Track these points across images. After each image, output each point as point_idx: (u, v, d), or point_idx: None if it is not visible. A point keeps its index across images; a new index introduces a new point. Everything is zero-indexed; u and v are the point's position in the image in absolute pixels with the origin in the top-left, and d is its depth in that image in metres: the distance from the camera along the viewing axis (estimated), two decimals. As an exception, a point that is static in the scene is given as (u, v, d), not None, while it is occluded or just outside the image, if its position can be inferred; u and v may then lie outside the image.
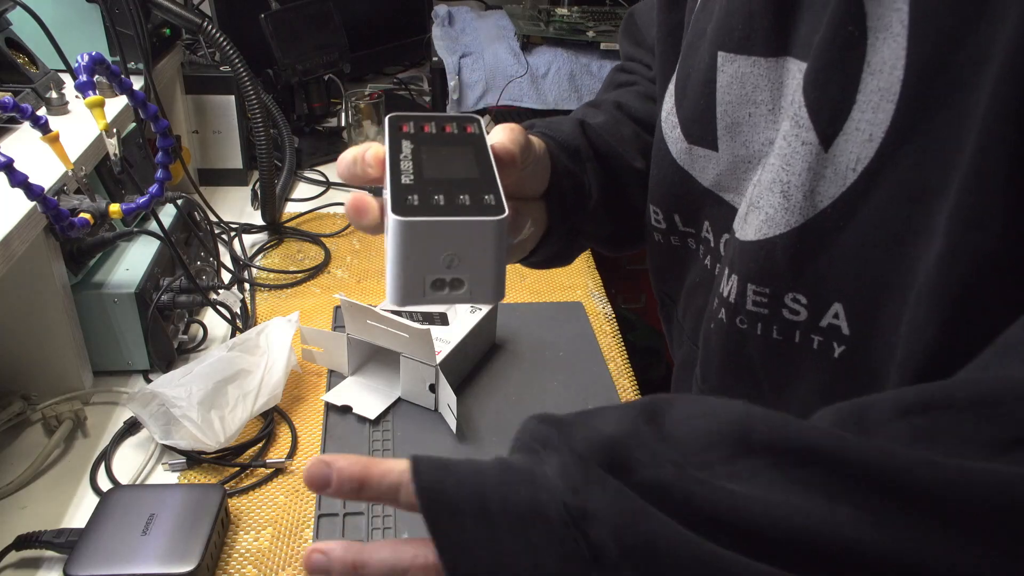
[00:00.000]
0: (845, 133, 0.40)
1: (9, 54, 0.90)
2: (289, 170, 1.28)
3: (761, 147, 0.47)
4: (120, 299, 0.84)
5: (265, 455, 0.80)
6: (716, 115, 0.48)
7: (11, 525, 0.69)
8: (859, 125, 0.39)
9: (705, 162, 0.51)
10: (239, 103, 1.24)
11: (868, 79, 0.38)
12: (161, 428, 0.75)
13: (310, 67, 1.33)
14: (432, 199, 0.36)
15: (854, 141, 0.39)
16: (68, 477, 0.76)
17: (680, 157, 0.52)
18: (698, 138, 0.50)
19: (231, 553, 0.69)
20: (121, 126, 0.96)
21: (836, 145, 0.40)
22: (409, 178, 0.38)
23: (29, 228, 0.71)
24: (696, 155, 0.51)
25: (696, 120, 0.50)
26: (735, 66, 0.46)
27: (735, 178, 0.49)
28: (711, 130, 0.49)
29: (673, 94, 0.53)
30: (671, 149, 0.53)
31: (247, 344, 0.83)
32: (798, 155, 0.42)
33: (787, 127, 0.42)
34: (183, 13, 1.02)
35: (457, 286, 0.37)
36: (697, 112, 0.50)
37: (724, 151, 0.49)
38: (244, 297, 1.01)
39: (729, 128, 0.48)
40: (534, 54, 1.49)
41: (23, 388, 0.81)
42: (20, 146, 0.82)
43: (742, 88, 0.46)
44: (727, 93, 0.47)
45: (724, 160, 0.49)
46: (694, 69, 0.50)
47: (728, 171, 0.50)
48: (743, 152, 0.48)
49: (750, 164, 0.48)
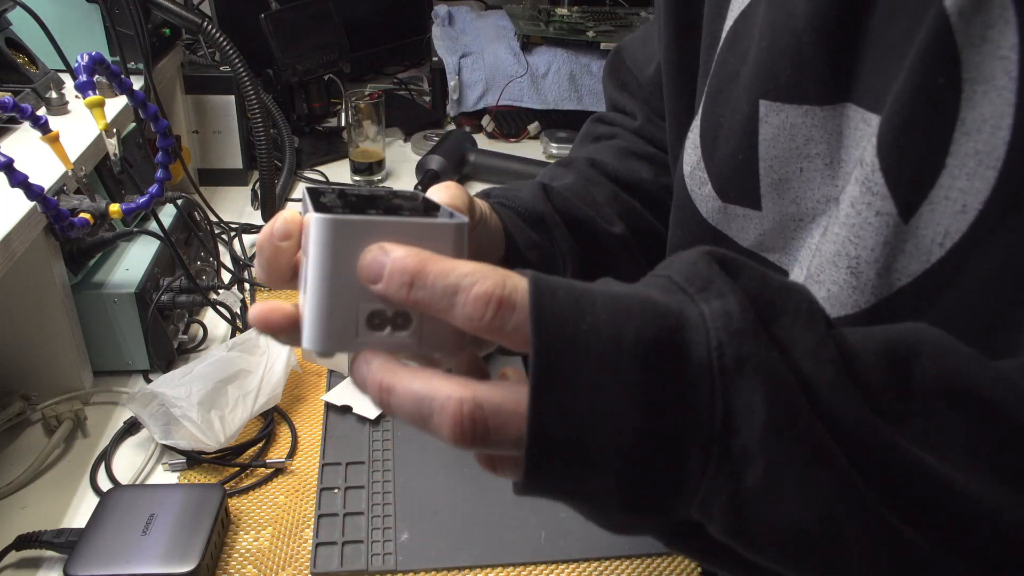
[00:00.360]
0: (931, 203, 0.34)
1: (9, 54, 0.90)
2: (289, 170, 1.28)
3: (816, 204, 0.41)
4: (120, 299, 0.84)
5: (265, 455, 0.80)
6: (759, 171, 0.43)
7: (11, 525, 0.69)
8: (949, 193, 0.33)
9: (745, 221, 0.45)
10: (239, 103, 1.24)
11: (962, 140, 0.33)
12: (161, 428, 0.75)
13: (310, 67, 1.33)
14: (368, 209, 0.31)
15: (942, 212, 0.34)
16: (68, 477, 0.76)
17: (712, 216, 0.47)
18: (736, 196, 0.45)
19: (231, 553, 0.69)
20: (121, 126, 0.96)
21: (919, 216, 0.35)
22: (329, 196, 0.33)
23: (29, 228, 0.71)
24: (733, 214, 0.45)
25: (733, 176, 0.44)
26: (782, 116, 0.40)
27: (783, 238, 0.44)
28: (752, 188, 0.43)
29: (699, 146, 0.47)
30: (700, 208, 0.47)
31: (247, 344, 0.83)
32: (870, 226, 0.36)
33: (855, 192, 0.37)
34: (183, 13, 1.02)
35: (402, 324, 0.29)
36: (734, 167, 0.44)
37: (769, 210, 0.43)
38: (244, 297, 1.01)
39: (775, 185, 0.42)
40: (534, 54, 1.49)
41: (23, 388, 0.81)
42: (20, 146, 0.82)
43: (791, 141, 0.41)
44: (772, 147, 0.41)
45: (769, 219, 0.43)
46: (727, 119, 0.44)
47: (774, 230, 0.44)
48: (792, 210, 0.42)
49: (801, 223, 0.42)
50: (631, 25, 1.55)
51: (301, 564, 0.68)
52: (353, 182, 1.34)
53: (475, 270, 0.28)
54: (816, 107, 0.39)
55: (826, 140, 0.39)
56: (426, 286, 0.28)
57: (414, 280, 0.28)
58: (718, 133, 0.45)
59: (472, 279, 0.28)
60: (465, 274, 0.28)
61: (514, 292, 0.28)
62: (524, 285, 0.28)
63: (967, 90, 0.32)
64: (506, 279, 0.28)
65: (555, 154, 1.44)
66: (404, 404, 0.28)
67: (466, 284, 0.28)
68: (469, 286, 0.28)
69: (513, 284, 0.28)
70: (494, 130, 1.51)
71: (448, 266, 0.28)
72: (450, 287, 0.28)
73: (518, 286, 0.28)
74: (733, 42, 0.44)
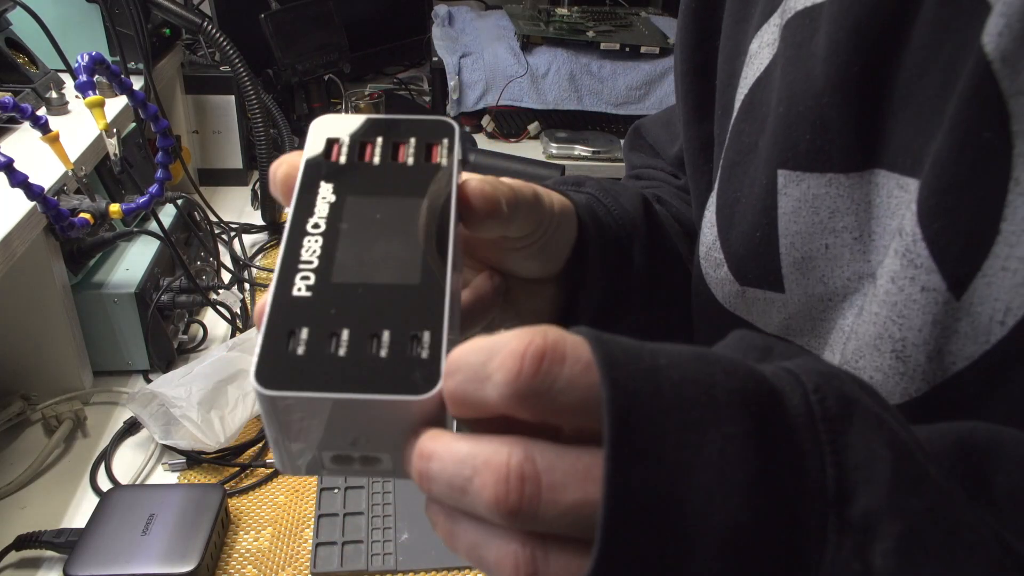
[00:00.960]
0: (985, 275, 0.30)
1: (9, 54, 0.90)
2: (289, 170, 1.28)
3: (847, 283, 0.37)
4: (120, 299, 0.84)
5: (265, 455, 0.80)
6: (779, 249, 0.38)
7: (11, 525, 0.69)
8: (1007, 263, 0.29)
9: (767, 305, 0.40)
10: (239, 103, 1.24)
11: (1018, 202, 0.29)
12: (161, 428, 0.75)
13: (310, 67, 1.33)
14: (329, 343, 0.24)
15: (1000, 285, 0.29)
16: (68, 477, 0.76)
17: (729, 301, 0.42)
18: (756, 278, 0.40)
19: (231, 553, 0.69)
20: (121, 126, 0.96)
21: (973, 291, 0.30)
22: (305, 282, 0.25)
23: (29, 228, 0.71)
24: (753, 298, 0.40)
25: (750, 257, 0.40)
26: (803, 187, 0.36)
27: (810, 320, 0.39)
28: (773, 269, 0.38)
29: (715, 224, 0.42)
30: (716, 293, 0.42)
31: (247, 344, 0.83)
32: (916, 304, 0.32)
33: (895, 266, 0.32)
34: (183, 13, 1.02)
35: (371, 463, 0.25)
36: (751, 247, 0.39)
37: (793, 291, 0.38)
38: (244, 297, 1.01)
39: (798, 265, 0.38)
40: (534, 54, 1.49)
41: (23, 388, 0.81)
42: (20, 146, 0.82)
43: (815, 214, 0.36)
44: (794, 221, 0.37)
45: (794, 302, 0.39)
46: (743, 193, 0.40)
47: (801, 313, 0.39)
48: (820, 290, 0.38)
49: (831, 303, 0.38)
50: (631, 25, 1.55)
51: (301, 564, 0.68)
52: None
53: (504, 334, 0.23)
54: (841, 175, 0.35)
55: (854, 211, 0.35)
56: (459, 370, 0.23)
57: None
58: (734, 209, 0.40)
59: (502, 340, 0.22)
60: (496, 339, 0.23)
61: (560, 340, 0.22)
62: (568, 333, 0.23)
63: (1019, 145, 0.28)
64: (544, 329, 0.22)
65: (555, 154, 1.44)
66: (445, 470, 0.23)
67: (500, 343, 0.22)
68: (501, 347, 0.22)
69: (556, 333, 0.22)
70: (494, 130, 1.51)
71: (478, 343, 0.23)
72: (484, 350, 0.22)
73: (563, 334, 0.22)
74: (749, 111, 0.40)
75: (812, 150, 0.35)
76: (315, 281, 0.25)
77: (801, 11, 0.37)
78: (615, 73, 1.48)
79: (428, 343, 0.24)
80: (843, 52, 0.33)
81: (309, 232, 0.27)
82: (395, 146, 0.29)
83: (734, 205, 0.40)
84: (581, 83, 1.48)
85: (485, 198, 0.30)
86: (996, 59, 0.28)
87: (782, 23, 0.38)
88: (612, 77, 1.48)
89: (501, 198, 0.30)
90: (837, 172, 0.35)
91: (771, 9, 0.40)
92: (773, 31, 0.40)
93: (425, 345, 0.24)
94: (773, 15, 0.40)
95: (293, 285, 0.25)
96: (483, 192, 0.30)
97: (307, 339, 0.24)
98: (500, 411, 0.22)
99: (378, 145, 0.29)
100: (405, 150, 0.29)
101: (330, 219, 0.27)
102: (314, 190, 0.28)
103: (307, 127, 0.30)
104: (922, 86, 0.32)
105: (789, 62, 0.37)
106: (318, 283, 0.25)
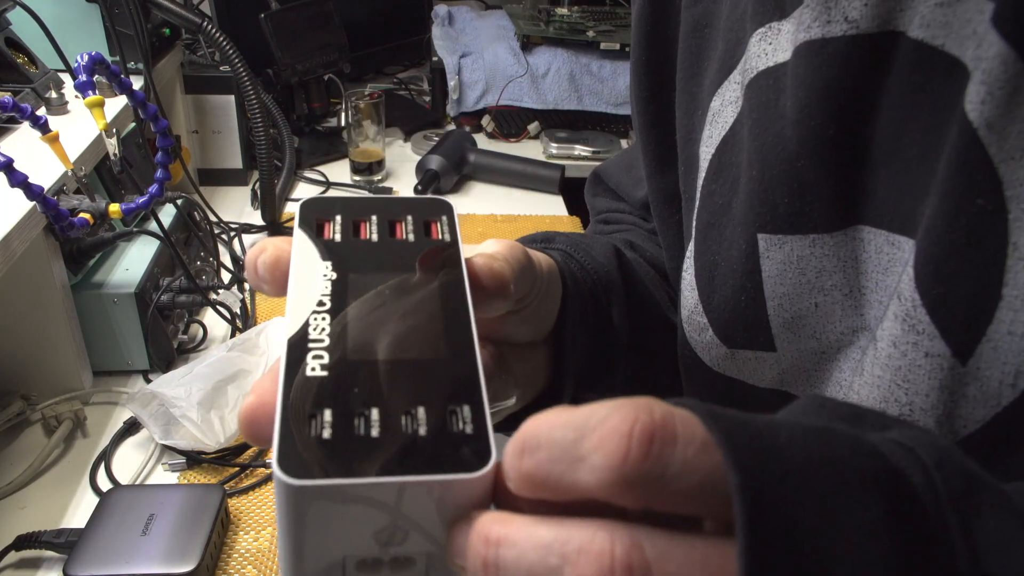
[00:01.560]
0: (991, 340, 0.29)
1: (9, 54, 0.90)
2: (289, 170, 1.28)
3: (840, 337, 0.36)
4: (120, 299, 0.84)
5: (265, 455, 0.80)
6: (767, 311, 0.37)
7: (11, 525, 0.69)
8: (1013, 328, 0.29)
9: (758, 364, 0.40)
10: (239, 103, 1.24)
11: (1018, 267, 0.28)
12: (161, 428, 0.75)
13: (310, 67, 1.33)
14: (358, 424, 0.22)
15: (1007, 349, 0.29)
16: (68, 477, 0.76)
17: (718, 364, 0.41)
18: (744, 341, 0.39)
19: (231, 553, 0.69)
20: (121, 126, 0.96)
21: (979, 356, 0.30)
22: (319, 361, 0.23)
23: (29, 228, 0.71)
24: (743, 359, 0.40)
25: (737, 321, 0.39)
26: (786, 249, 0.36)
27: (805, 372, 0.38)
28: (763, 330, 0.38)
29: (695, 288, 0.41)
30: (702, 357, 0.42)
31: (247, 344, 0.83)
32: (921, 370, 0.31)
33: (896, 331, 0.32)
34: (183, 13, 1.02)
35: (402, 567, 0.23)
36: (737, 311, 0.39)
37: (786, 350, 0.38)
38: (244, 297, 1.01)
39: (789, 324, 0.37)
40: (534, 54, 1.49)
41: (23, 388, 0.81)
42: (20, 146, 0.82)
43: (801, 275, 0.36)
44: (780, 283, 0.37)
45: (788, 359, 0.38)
46: (721, 256, 0.39)
47: (795, 368, 0.39)
48: (813, 345, 0.37)
49: (824, 356, 0.37)
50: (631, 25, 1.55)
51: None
52: (353, 182, 1.34)
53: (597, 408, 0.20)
54: (825, 235, 0.35)
55: (842, 269, 0.35)
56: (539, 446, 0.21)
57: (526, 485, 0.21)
58: (714, 273, 0.40)
59: (602, 411, 0.20)
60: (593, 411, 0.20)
61: (669, 417, 0.20)
62: (675, 407, 0.20)
63: (1014, 210, 0.28)
64: (651, 404, 0.20)
65: (555, 154, 1.44)
66: (523, 558, 0.20)
67: (593, 422, 0.20)
68: (597, 423, 0.20)
69: (662, 409, 0.20)
70: (494, 130, 1.51)
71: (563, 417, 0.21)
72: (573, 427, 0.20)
73: (670, 409, 0.20)
74: (718, 171, 0.40)
75: (792, 213, 0.35)
76: (330, 359, 0.23)
77: (764, 71, 0.36)
78: (615, 73, 1.48)
79: (470, 417, 0.22)
80: (816, 115, 0.33)
81: (315, 310, 0.25)
82: (391, 224, 0.29)
83: (713, 269, 0.40)
84: (581, 83, 1.48)
85: (494, 276, 0.29)
86: (981, 126, 0.28)
87: (744, 82, 0.38)
88: (612, 77, 1.48)
89: (509, 276, 0.29)
90: (820, 232, 0.35)
91: (730, 66, 0.40)
92: (735, 89, 0.39)
93: (467, 419, 0.22)
94: (733, 72, 0.39)
95: (306, 365, 0.23)
96: (491, 270, 0.29)
97: (332, 421, 0.22)
98: (591, 495, 0.20)
99: (373, 223, 0.28)
100: (403, 227, 0.28)
101: (335, 296, 0.25)
102: (312, 268, 0.26)
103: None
104: (902, 145, 0.32)
105: (757, 124, 0.36)
106: (334, 361, 0.23)
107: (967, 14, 0.29)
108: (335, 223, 0.28)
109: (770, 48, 0.36)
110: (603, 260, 0.43)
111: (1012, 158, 0.28)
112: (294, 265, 0.27)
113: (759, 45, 0.37)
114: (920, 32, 0.30)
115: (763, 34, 0.37)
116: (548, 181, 1.36)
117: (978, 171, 0.28)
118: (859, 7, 0.31)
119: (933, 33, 0.30)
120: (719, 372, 0.41)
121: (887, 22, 0.31)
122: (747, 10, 0.38)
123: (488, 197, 1.36)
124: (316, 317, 0.25)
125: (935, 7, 0.30)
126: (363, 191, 1.32)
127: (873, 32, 0.31)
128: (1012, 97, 0.27)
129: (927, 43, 0.30)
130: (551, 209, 1.32)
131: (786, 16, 0.36)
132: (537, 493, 0.21)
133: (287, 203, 1.27)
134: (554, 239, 0.44)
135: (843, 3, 0.32)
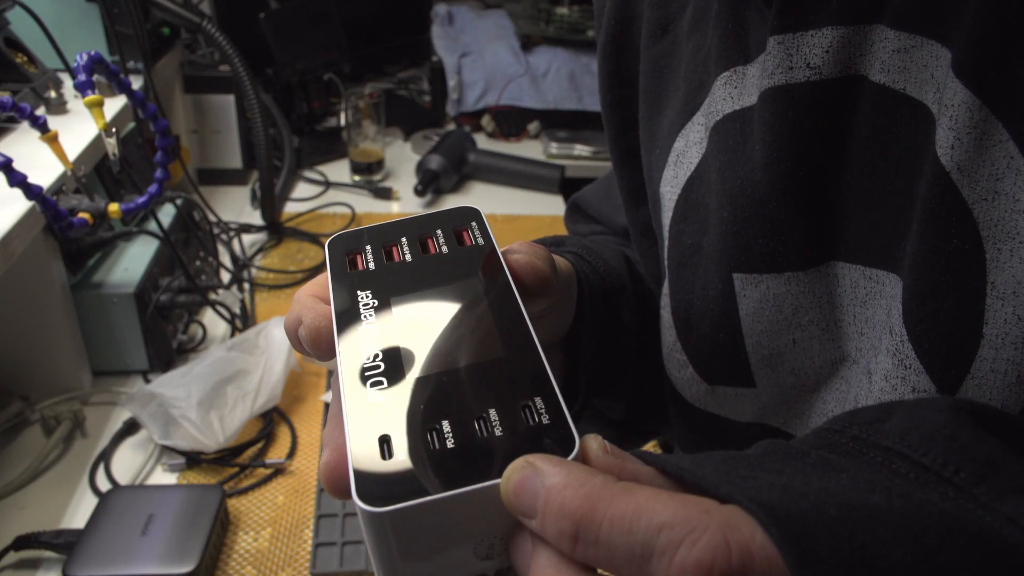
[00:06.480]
0: (975, 377, 0.29)
1: (8, 53, 0.90)
2: (288, 170, 1.27)
3: (819, 370, 0.37)
4: (119, 299, 0.84)
5: (264, 455, 0.80)
6: (746, 348, 0.38)
7: (10, 526, 0.69)
8: (995, 366, 0.29)
9: (738, 400, 0.40)
10: (238, 103, 1.24)
11: (997, 306, 0.28)
12: (160, 428, 0.75)
13: (310, 67, 1.33)
14: (431, 440, 0.22)
15: (992, 386, 0.29)
16: (67, 477, 0.76)
17: (699, 400, 0.42)
18: (724, 378, 0.40)
19: (231, 553, 0.69)
20: (120, 126, 0.96)
21: (964, 391, 0.30)
22: (378, 388, 0.24)
23: (28, 228, 0.71)
24: (723, 395, 0.40)
25: (716, 358, 0.39)
26: (762, 288, 0.36)
27: (785, 405, 0.39)
28: (742, 367, 0.38)
29: (673, 326, 0.42)
30: (683, 393, 0.42)
31: (246, 344, 0.83)
32: None
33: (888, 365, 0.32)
34: (182, 12, 1.02)
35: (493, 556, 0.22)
36: (715, 349, 0.39)
37: (765, 385, 0.38)
38: (243, 297, 1.01)
39: (767, 361, 0.38)
40: (534, 53, 1.49)
41: (22, 388, 0.81)
42: (19, 146, 0.82)
43: (778, 312, 0.36)
44: (757, 321, 0.37)
45: (768, 394, 0.39)
46: (696, 296, 0.40)
47: (775, 402, 0.39)
48: (792, 380, 0.38)
49: (805, 388, 0.38)
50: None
51: (301, 564, 0.68)
52: (353, 182, 1.34)
53: (674, 515, 0.19)
54: (800, 272, 0.35)
55: (818, 305, 0.35)
56: (598, 541, 0.19)
57: (579, 530, 0.19)
58: (690, 312, 0.40)
59: (673, 533, 0.18)
60: (660, 525, 0.19)
61: (746, 555, 0.18)
62: (760, 536, 0.19)
63: (990, 250, 0.28)
64: (727, 532, 0.18)
65: (555, 154, 1.44)
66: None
67: (663, 543, 0.18)
68: (671, 547, 0.18)
69: (741, 538, 0.18)
70: (494, 130, 1.51)
71: (628, 508, 0.19)
72: (638, 545, 0.19)
73: (751, 539, 0.18)
74: (685, 212, 0.40)
75: (766, 253, 0.35)
76: (389, 384, 0.24)
77: (731, 114, 0.37)
78: (615, 73, 1.48)
79: (544, 408, 0.22)
80: (785, 159, 0.33)
81: (362, 340, 0.25)
82: (422, 241, 0.29)
83: (689, 308, 0.40)
84: (581, 83, 1.48)
85: (536, 274, 0.29)
86: (953, 169, 0.28)
87: (708, 124, 0.38)
88: (612, 77, 1.48)
89: (551, 273, 0.30)
90: (795, 270, 0.35)
91: (693, 107, 0.40)
92: (699, 131, 0.39)
93: (542, 410, 0.22)
94: (696, 114, 0.40)
95: (366, 394, 0.23)
96: (534, 268, 0.29)
97: (405, 443, 0.21)
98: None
99: (404, 244, 0.29)
100: (434, 242, 0.29)
101: (379, 322, 0.26)
102: (352, 301, 0.27)
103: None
104: (875, 184, 0.32)
105: (725, 166, 0.37)
106: (394, 385, 0.24)
107: (923, 60, 0.30)
108: (366, 253, 0.29)
109: (735, 92, 0.37)
110: (614, 264, 0.43)
111: (985, 199, 0.28)
112: (334, 302, 0.27)
113: (724, 88, 0.37)
114: (881, 77, 0.31)
115: (728, 78, 0.37)
116: (548, 181, 1.36)
117: (953, 211, 0.28)
118: (820, 54, 0.32)
119: (894, 78, 0.31)
120: (700, 408, 0.41)
121: (848, 67, 0.32)
122: (711, 53, 0.38)
123: (488, 197, 1.36)
124: (365, 346, 0.25)
125: (893, 53, 0.30)
126: (362, 191, 1.32)
127: (836, 77, 0.32)
128: (980, 142, 0.28)
129: (889, 87, 0.31)
130: (551, 209, 1.32)
131: (750, 61, 0.36)
132: None
133: (286, 203, 1.27)
134: (564, 242, 0.44)
135: (804, 50, 0.32)
